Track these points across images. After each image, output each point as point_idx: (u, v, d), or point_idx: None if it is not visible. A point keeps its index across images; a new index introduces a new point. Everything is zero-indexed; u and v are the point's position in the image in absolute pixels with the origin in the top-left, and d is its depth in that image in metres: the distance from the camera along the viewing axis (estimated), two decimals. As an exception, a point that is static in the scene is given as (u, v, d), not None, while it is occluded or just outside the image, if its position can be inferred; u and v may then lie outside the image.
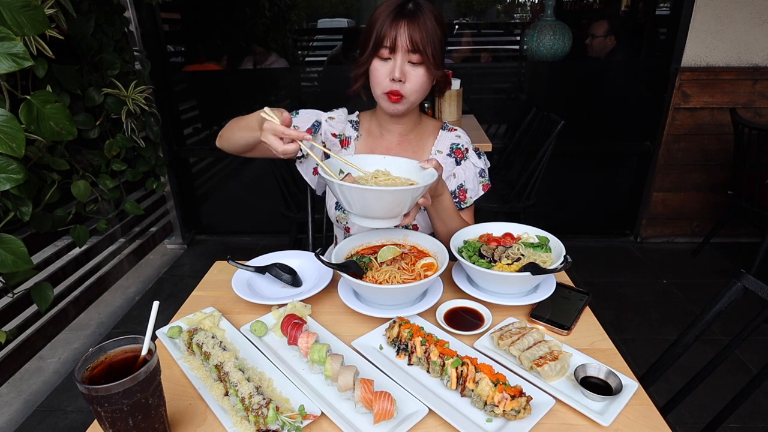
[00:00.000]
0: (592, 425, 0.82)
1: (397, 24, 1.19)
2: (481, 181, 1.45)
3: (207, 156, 3.74)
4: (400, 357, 0.98)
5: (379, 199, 1.03)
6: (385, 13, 1.21)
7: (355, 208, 1.07)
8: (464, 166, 1.44)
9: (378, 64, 1.24)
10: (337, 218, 1.47)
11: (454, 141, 1.45)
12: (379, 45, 1.21)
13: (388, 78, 1.23)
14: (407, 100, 1.27)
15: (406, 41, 1.19)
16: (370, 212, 1.07)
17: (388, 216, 1.08)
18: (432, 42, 1.21)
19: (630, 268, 3.31)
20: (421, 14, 1.20)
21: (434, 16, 1.22)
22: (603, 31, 3.38)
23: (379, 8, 1.23)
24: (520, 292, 1.14)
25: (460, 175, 1.44)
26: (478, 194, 1.45)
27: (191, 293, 1.24)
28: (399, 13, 1.20)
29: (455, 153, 1.44)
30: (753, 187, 2.92)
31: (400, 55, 1.21)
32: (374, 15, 1.23)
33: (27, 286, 1.92)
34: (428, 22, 1.20)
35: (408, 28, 1.19)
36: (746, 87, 3.14)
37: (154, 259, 3.54)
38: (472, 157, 1.45)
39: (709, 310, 1.12)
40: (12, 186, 1.48)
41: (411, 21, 1.19)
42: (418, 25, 1.19)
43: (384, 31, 1.20)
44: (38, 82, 1.81)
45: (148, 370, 0.71)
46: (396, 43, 1.20)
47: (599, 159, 3.63)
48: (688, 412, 2.05)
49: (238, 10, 3.50)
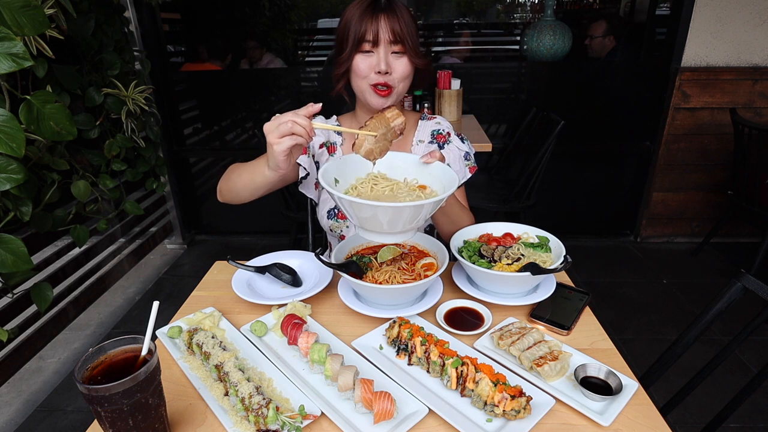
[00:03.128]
0: (592, 425, 0.82)
1: (377, 18, 1.23)
2: (467, 164, 1.45)
3: (207, 156, 3.75)
4: (400, 357, 0.98)
5: (396, 215, 0.89)
6: (360, 9, 1.24)
7: (366, 225, 0.96)
8: (448, 150, 1.44)
9: (360, 58, 1.25)
10: (330, 227, 1.45)
11: (434, 128, 1.46)
12: (360, 40, 1.23)
13: (372, 71, 1.25)
14: (395, 91, 1.29)
15: (388, 33, 1.23)
16: (386, 228, 0.94)
17: (403, 230, 0.96)
18: (410, 32, 1.25)
19: (630, 268, 3.31)
20: (396, 7, 1.25)
21: (406, 8, 1.28)
22: (603, 31, 3.38)
23: (350, 7, 1.26)
24: (520, 292, 1.14)
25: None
26: (465, 176, 1.44)
27: (191, 293, 1.24)
28: (376, 8, 1.24)
29: (437, 138, 1.45)
30: (753, 187, 2.92)
31: (383, 48, 1.24)
32: (347, 14, 1.26)
33: (27, 286, 1.92)
34: (404, 13, 1.25)
35: (388, 21, 1.23)
36: (746, 87, 3.14)
37: (154, 259, 3.54)
38: (455, 140, 1.45)
39: (709, 310, 1.12)
40: (12, 186, 1.48)
41: (389, 14, 1.23)
42: (397, 17, 1.23)
43: (364, 27, 1.23)
44: (38, 82, 1.81)
45: (148, 370, 0.71)
46: (378, 36, 1.23)
47: (599, 159, 3.63)
48: (688, 412, 2.05)
49: (238, 10, 3.50)
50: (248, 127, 3.67)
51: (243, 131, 3.69)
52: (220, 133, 3.67)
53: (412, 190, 1.04)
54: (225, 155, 3.76)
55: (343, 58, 1.27)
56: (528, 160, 2.86)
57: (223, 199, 1.35)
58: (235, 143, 3.69)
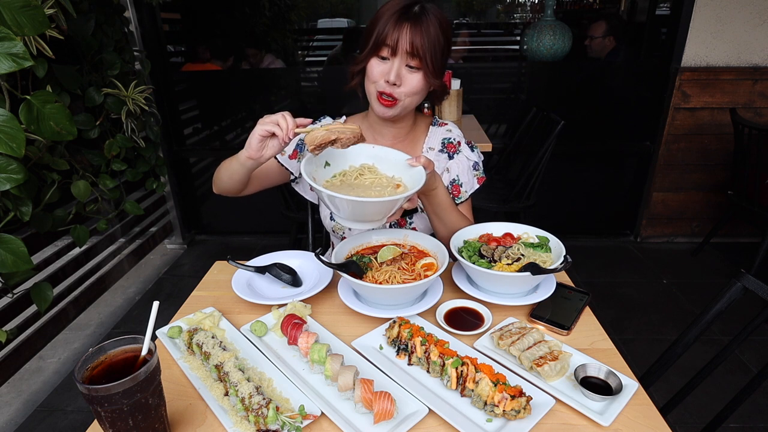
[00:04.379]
0: (592, 425, 0.82)
1: (401, 26, 1.16)
2: (475, 174, 1.43)
3: (207, 156, 3.75)
4: (400, 357, 0.98)
5: (362, 208, 1.04)
6: (390, 12, 1.18)
7: (341, 214, 1.08)
8: (457, 160, 1.42)
9: (375, 62, 1.22)
10: (333, 228, 1.46)
11: (445, 136, 1.44)
12: (379, 44, 1.19)
13: (383, 78, 1.21)
14: (401, 104, 1.24)
15: (407, 44, 1.16)
16: (353, 217, 1.08)
17: (372, 219, 1.10)
18: (433, 49, 1.18)
19: (630, 268, 3.31)
20: (425, 18, 1.17)
21: (439, 22, 1.19)
22: (603, 31, 3.38)
23: (384, 6, 1.20)
24: (520, 292, 1.14)
25: (453, 169, 1.41)
26: (473, 188, 1.43)
27: (191, 293, 1.24)
28: (403, 15, 1.17)
29: (447, 147, 1.43)
30: (753, 187, 2.92)
31: (399, 58, 1.19)
32: (378, 12, 1.20)
33: (27, 286, 1.92)
34: (432, 27, 1.17)
35: (410, 32, 1.16)
36: (746, 87, 3.14)
37: (154, 259, 3.54)
38: (464, 150, 1.43)
39: (709, 310, 1.12)
40: (12, 186, 1.48)
41: (414, 24, 1.16)
42: (421, 30, 1.16)
43: (386, 31, 1.17)
44: (38, 82, 1.81)
45: (148, 370, 0.71)
46: (397, 44, 1.17)
47: (599, 159, 3.63)
48: (688, 412, 2.05)
49: (238, 10, 3.50)
50: (248, 127, 3.67)
51: (243, 131, 3.69)
52: (220, 133, 3.67)
53: (387, 187, 1.12)
54: (225, 155, 3.71)
55: (360, 57, 1.24)
56: (528, 160, 2.86)
57: (216, 189, 1.36)
58: (235, 143, 3.69)
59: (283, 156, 1.40)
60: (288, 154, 1.40)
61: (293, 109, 1.39)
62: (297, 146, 1.41)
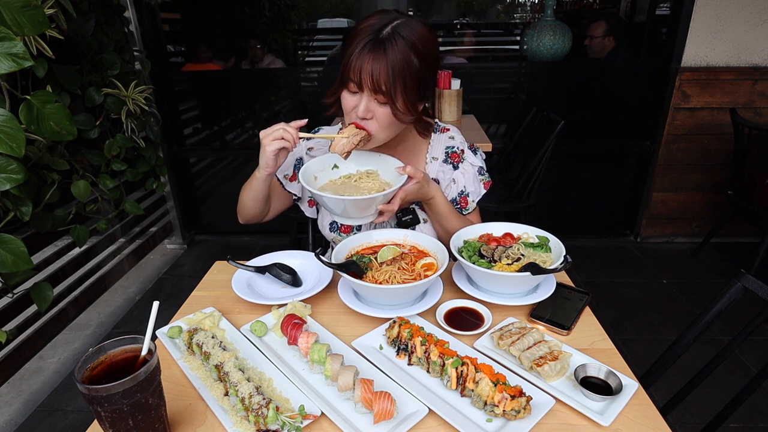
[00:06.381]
0: (592, 425, 0.82)
1: (364, 58, 1.06)
2: (481, 179, 1.42)
3: (207, 156, 3.75)
4: (400, 357, 0.98)
5: (342, 205, 1.17)
6: (357, 38, 1.08)
7: (330, 210, 1.23)
8: (462, 169, 1.39)
9: (346, 94, 1.16)
10: (333, 240, 1.45)
11: (448, 144, 1.40)
12: (346, 78, 1.12)
13: (354, 112, 1.15)
14: (375, 138, 1.19)
15: (368, 79, 1.07)
16: (340, 213, 1.22)
17: (356, 216, 1.23)
18: (402, 80, 1.07)
19: (630, 268, 3.31)
20: (392, 46, 1.05)
21: (411, 45, 1.06)
22: (603, 31, 3.38)
23: (358, 25, 1.11)
24: (520, 292, 1.14)
25: (459, 179, 1.39)
26: (480, 194, 1.42)
27: (191, 293, 1.24)
28: (369, 42, 1.06)
29: (451, 157, 1.39)
30: (753, 187, 2.92)
31: (366, 93, 1.11)
32: (352, 32, 1.12)
33: (27, 286, 1.92)
34: (399, 55, 1.05)
35: (372, 63, 1.05)
36: (746, 87, 3.14)
37: (154, 259, 3.54)
38: (469, 157, 1.40)
39: (709, 310, 1.12)
40: (12, 186, 1.48)
41: (376, 55, 1.05)
42: (386, 62, 1.05)
43: (351, 63, 1.08)
44: (38, 82, 1.81)
45: (148, 370, 0.71)
46: (360, 79, 1.08)
47: (599, 159, 3.63)
48: (688, 412, 2.05)
49: (238, 10, 3.50)
50: (248, 127, 3.67)
51: (243, 131, 3.69)
52: (220, 133, 3.67)
53: (374, 189, 1.23)
54: (225, 155, 3.76)
55: (331, 91, 1.19)
56: (528, 160, 2.86)
57: (242, 219, 1.41)
58: (235, 143, 3.69)
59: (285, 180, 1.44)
60: (288, 177, 1.43)
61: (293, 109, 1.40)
62: (295, 167, 1.43)
